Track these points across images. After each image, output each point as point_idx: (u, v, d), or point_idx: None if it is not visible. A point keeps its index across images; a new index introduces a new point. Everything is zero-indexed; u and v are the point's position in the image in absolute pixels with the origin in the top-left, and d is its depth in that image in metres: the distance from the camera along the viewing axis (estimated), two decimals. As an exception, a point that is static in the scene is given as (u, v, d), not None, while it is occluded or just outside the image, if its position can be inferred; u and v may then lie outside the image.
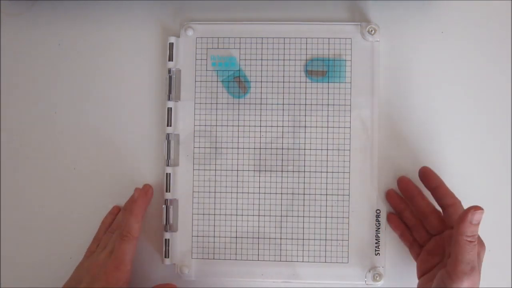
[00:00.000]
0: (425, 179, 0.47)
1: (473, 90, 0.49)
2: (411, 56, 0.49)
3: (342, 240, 0.48)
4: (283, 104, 0.49)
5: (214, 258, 0.49)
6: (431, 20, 0.49)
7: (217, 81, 0.49)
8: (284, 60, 0.49)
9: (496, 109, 0.49)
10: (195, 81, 0.49)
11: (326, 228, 0.48)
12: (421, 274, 0.45)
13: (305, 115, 0.49)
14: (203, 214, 0.49)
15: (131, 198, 0.48)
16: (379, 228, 0.48)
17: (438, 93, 0.49)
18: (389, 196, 0.48)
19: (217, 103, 0.49)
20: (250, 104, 0.49)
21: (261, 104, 0.49)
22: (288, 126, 0.49)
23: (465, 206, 0.48)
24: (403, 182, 0.48)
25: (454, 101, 0.49)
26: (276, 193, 0.49)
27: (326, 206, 0.48)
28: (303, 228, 0.48)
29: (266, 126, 0.49)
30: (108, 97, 0.51)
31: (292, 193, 0.49)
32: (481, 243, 0.42)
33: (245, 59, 0.49)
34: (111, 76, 0.51)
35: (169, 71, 0.49)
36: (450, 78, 0.49)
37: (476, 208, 0.39)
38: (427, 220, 0.45)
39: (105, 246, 0.47)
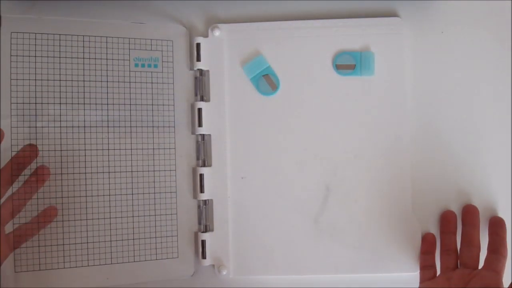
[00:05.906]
0: (495, 226, 0.47)
1: (473, 90, 0.49)
2: (411, 56, 0.49)
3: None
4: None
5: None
6: (431, 20, 0.50)
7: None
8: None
9: (496, 109, 0.50)
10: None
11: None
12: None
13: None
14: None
15: None
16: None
17: (438, 93, 0.49)
18: (445, 216, 0.48)
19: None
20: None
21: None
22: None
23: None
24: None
25: (454, 101, 0.49)
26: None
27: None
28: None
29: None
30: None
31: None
32: None
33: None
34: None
35: (197, 71, 0.48)
36: (450, 78, 0.50)
37: None
38: (468, 249, 0.46)
39: None
